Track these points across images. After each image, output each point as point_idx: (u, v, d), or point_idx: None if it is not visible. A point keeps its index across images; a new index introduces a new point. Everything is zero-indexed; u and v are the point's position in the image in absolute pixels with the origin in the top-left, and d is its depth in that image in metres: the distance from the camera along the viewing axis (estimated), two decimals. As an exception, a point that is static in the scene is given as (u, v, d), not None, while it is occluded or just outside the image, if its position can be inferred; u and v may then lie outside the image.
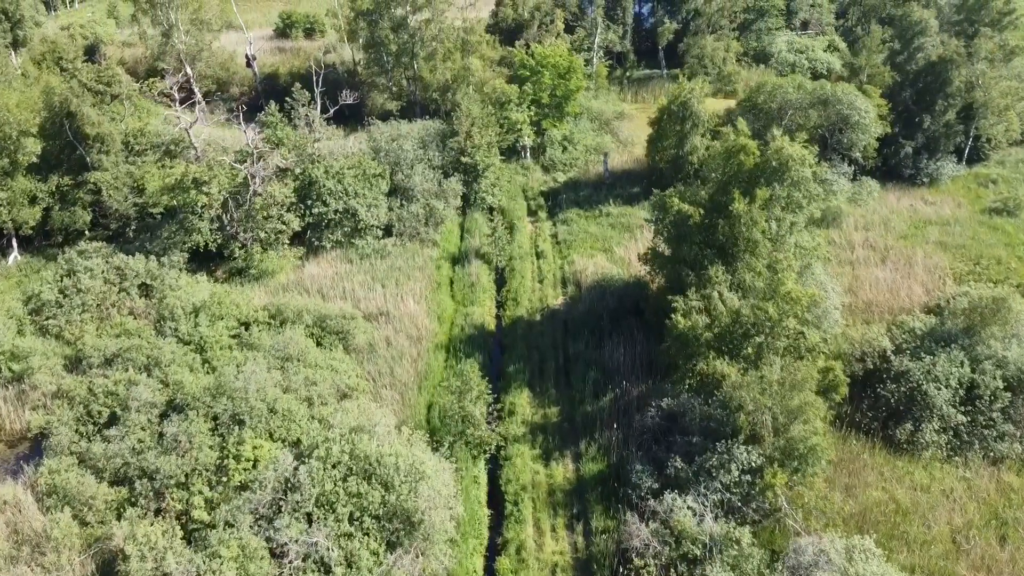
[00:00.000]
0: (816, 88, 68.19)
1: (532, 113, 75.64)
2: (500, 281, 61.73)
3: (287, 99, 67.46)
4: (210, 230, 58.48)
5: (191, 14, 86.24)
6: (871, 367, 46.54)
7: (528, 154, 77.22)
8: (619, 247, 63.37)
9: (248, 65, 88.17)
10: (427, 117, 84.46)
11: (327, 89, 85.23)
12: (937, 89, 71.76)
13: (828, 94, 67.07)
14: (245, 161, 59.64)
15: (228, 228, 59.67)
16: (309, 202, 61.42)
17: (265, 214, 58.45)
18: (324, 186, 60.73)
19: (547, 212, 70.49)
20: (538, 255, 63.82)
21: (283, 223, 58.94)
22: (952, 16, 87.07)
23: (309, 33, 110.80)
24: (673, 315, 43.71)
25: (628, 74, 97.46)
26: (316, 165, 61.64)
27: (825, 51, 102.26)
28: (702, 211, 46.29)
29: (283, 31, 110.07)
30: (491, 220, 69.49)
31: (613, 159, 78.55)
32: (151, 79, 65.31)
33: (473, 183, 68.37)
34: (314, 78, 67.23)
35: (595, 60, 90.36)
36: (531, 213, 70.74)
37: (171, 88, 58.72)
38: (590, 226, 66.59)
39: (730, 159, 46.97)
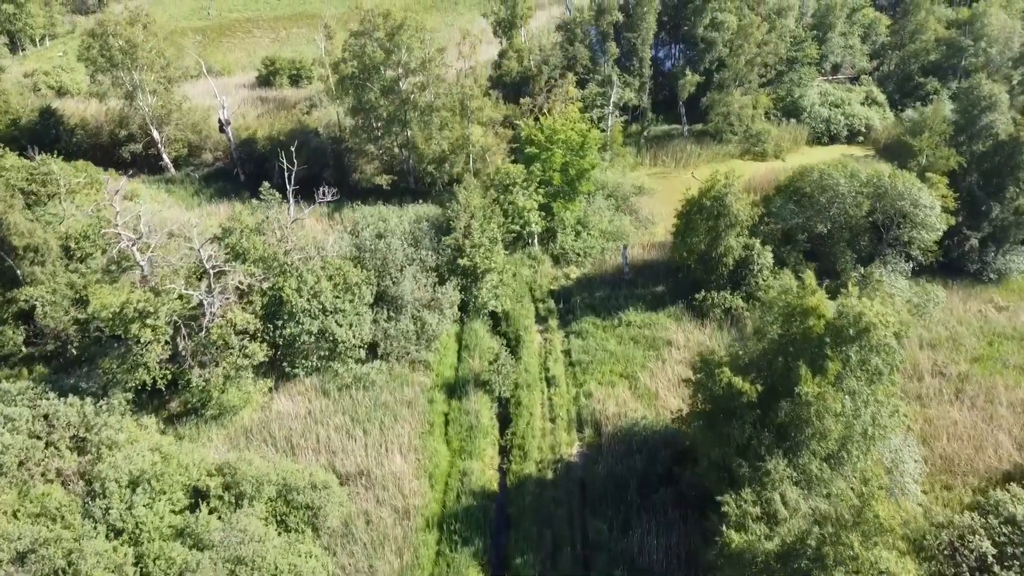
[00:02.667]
0: (872, 178, 58.68)
1: (541, 195, 66.15)
2: (504, 415, 52.34)
3: (259, 192, 57.85)
4: (159, 362, 49.05)
5: (157, 72, 76.94)
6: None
7: (536, 241, 67.78)
8: (644, 371, 53.91)
9: (221, 130, 78.89)
10: (420, 199, 75.44)
11: (310, 158, 76.32)
12: (1007, 172, 62.20)
13: (886, 186, 57.57)
14: (202, 279, 50.24)
15: (182, 354, 50.28)
16: (279, 322, 52.03)
17: (224, 344, 49.03)
18: (296, 305, 51.35)
19: (558, 318, 60.97)
20: (548, 381, 54.41)
21: (245, 355, 49.52)
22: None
23: (295, 80, 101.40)
24: (724, 527, 34.47)
25: (646, 132, 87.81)
26: (287, 278, 52.22)
27: (863, 104, 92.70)
28: (759, 388, 36.76)
29: (266, 78, 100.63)
30: (493, 330, 60.05)
31: (632, 242, 69.12)
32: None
33: (472, 287, 58.91)
34: (286, 174, 57.24)
35: (610, 120, 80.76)
36: (539, 319, 61.25)
37: (115, 225, 48.85)
38: (609, 340, 57.12)
39: (791, 318, 37.50)
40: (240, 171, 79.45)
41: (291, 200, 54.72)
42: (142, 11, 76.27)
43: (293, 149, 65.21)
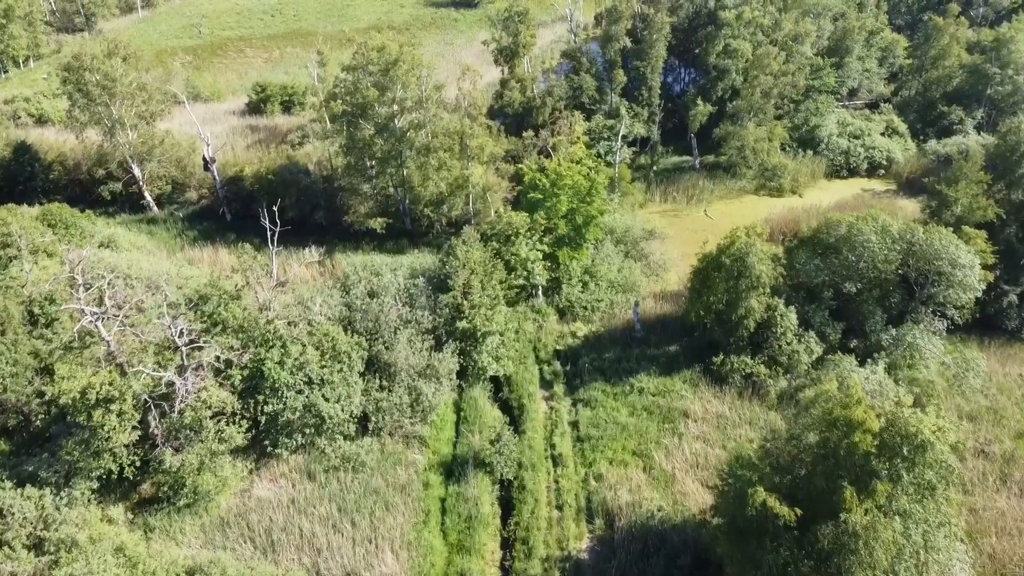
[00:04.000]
0: (905, 232, 54.13)
1: (546, 245, 61.63)
2: (505, 499, 47.83)
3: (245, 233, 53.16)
4: (127, 447, 44.56)
5: (138, 106, 72.47)
6: None
7: (540, 292, 63.27)
8: (658, 449, 49.42)
9: (206, 168, 74.42)
10: (416, 241, 71.05)
11: (300, 198, 71.98)
12: (1048, 223, 57.75)
13: (921, 243, 53.01)
14: (176, 353, 45.73)
15: (153, 436, 45.83)
16: (260, 397, 47.59)
17: (199, 426, 44.53)
18: (279, 379, 46.89)
19: (564, 383, 56.43)
20: (555, 460, 49.88)
21: (222, 439, 45.02)
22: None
23: (287, 107, 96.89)
24: None
25: (655, 166, 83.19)
26: (270, 349, 47.73)
27: (883, 134, 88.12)
28: (797, 512, 32.18)
29: (257, 105, 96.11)
30: (495, 396, 55.57)
31: (643, 292, 64.62)
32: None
33: (472, 350, 54.39)
34: (269, 233, 52.33)
35: (618, 157, 76.20)
36: (544, 383, 56.72)
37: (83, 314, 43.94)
38: (620, 410, 52.63)
39: (832, 427, 32.99)
40: (226, 211, 75.01)
41: (274, 262, 50.15)
42: (121, 42, 71.69)
43: (276, 209, 60.59)
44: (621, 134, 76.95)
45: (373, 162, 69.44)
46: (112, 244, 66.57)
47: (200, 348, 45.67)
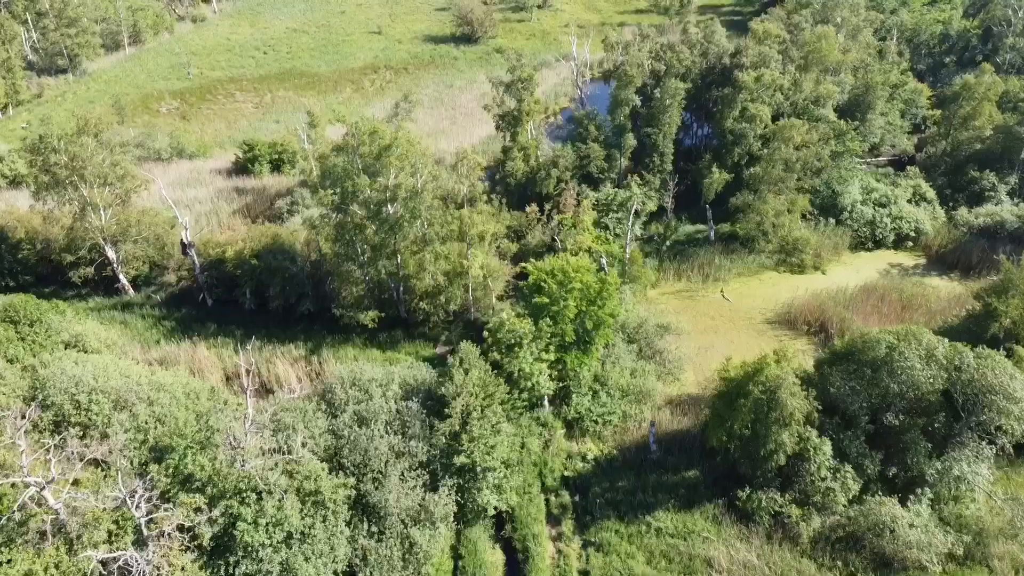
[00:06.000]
0: (953, 357, 48.73)
1: (552, 353, 56.18)
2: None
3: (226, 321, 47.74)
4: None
5: (112, 184, 67.14)
6: None
7: (547, 402, 57.89)
8: (680, 611, 43.99)
9: (184, 253, 69.07)
10: (411, 332, 65.74)
11: (285, 288, 66.68)
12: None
13: (972, 372, 47.61)
14: (131, 519, 40.30)
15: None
16: (232, 558, 42.20)
17: (161, 605, 39.15)
18: (254, 539, 41.52)
19: (573, 518, 50.95)
20: (564, 623, 44.53)
21: (187, 619, 39.68)
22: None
23: (276, 166, 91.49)
24: None
25: (668, 240, 77.70)
26: (243, 503, 42.33)
27: (910, 201, 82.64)
28: None
29: (244, 165, 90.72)
30: (496, 533, 50.16)
31: (658, 398, 59.26)
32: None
33: (471, 486, 48.93)
34: (246, 381, 46.31)
35: (629, 237, 70.68)
36: (551, 517, 51.28)
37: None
38: (636, 556, 47.28)
39: None
40: (207, 295, 69.61)
41: (249, 404, 44.64)
42: (92, 119, 66.35)
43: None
44: (633, 210, 71.40)
45: (365, 246, 63.97)
46: (80, 343, 61.21)
47: (163, 513, 40.24)
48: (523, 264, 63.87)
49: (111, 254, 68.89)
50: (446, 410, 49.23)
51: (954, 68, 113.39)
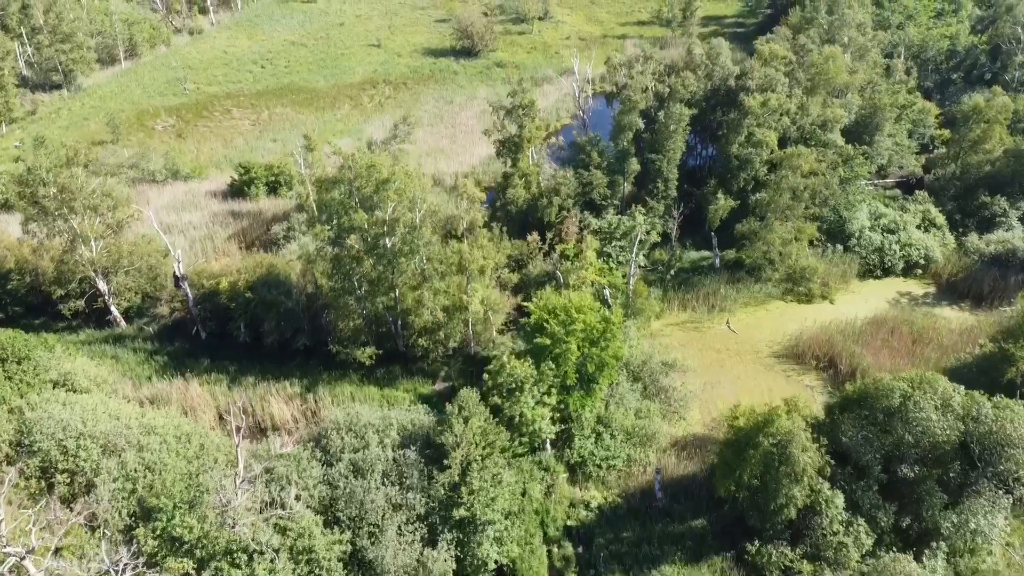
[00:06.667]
0: (969, 406, 47.08)
1: (554, 396, 54.49)
2: None
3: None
4: None
5: (103, 215, 65.52)
6: None
7: (549, 445, 56.23)
8: (688, 676, 42.32)
9: (177, 286, 67.45)
10: (410, 367, 64.10)
11: (280, 323, 65.09)
12: None
13: (990, 425, 45.96)
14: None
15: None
16: (221, 625, 40.59)
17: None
18: (243, 606, 39.92)
19: (576, 573, 49.26)
20: None
21: None
22: None
23: (273, 188, 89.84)
24: None
25: (672, 269, 75.94)
26: (233, 564, 40.70)
27: (919, 227, 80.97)
28: None
29: (240, 188, 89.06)
30: (497, 588, 48.53)
31: (663, 440, 57.63)
32: None
33: (471, 539, 47.24)
34: (237, 439, 44.71)
35: (632, 268, 68.96)
36: (554, 571, 49.58)
37: None
38: (642, 616, 45.57)
39: None
40: (200, 328, 67.95)
41: (240, 458, 43.00)
42: (81, 150, 64.72)
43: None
44: (638, 240, 69.66)
45: (362, 280, 62.31)
46: (69, 382, 59.54)
47: (148, 580, 38.62)
48: (525, 304, 62.19)
49: (102, 286, 67.25)
50: (445, 461, 47.56)
51: (962, 85, 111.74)
